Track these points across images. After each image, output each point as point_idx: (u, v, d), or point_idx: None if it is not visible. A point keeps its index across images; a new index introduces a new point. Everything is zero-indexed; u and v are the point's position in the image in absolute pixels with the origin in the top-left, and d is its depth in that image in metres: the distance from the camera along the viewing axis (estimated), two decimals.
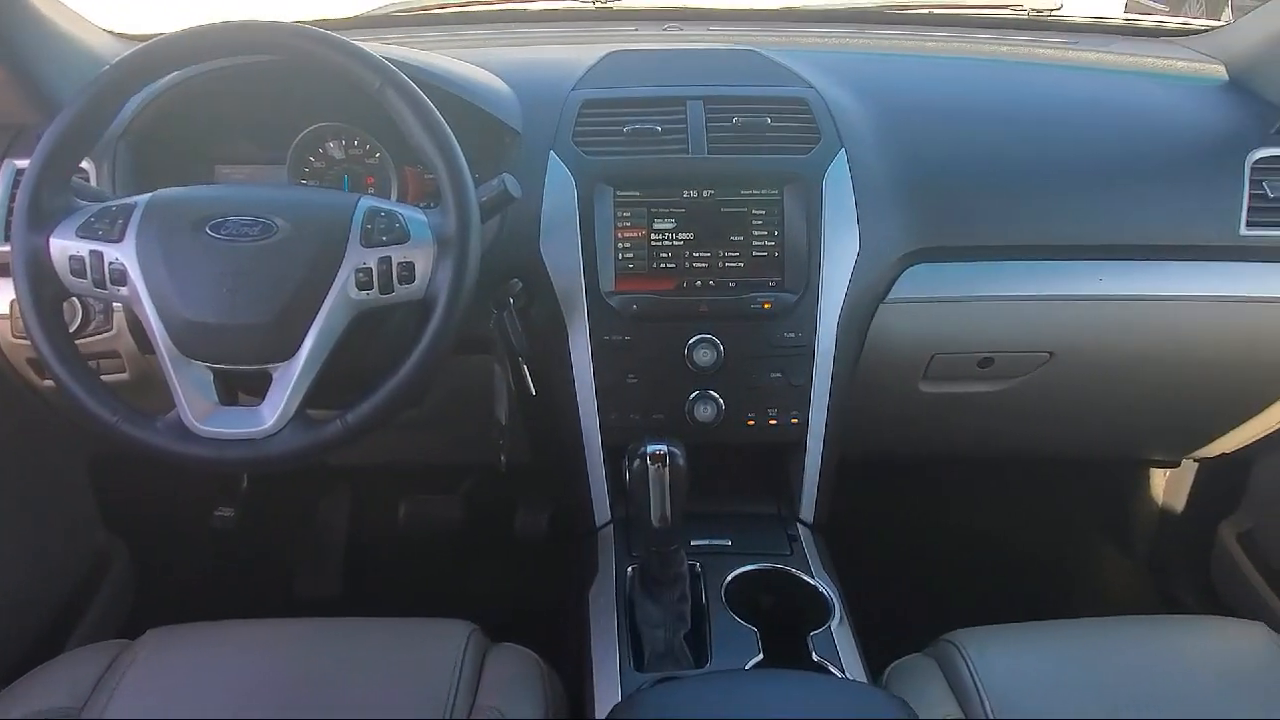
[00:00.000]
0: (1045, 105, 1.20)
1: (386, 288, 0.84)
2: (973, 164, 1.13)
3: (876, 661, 0.96)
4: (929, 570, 1.50)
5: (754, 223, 1.07)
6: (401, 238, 0.84)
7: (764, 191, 1.07)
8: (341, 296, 0.83)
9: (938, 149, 1.13)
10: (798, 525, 1.09)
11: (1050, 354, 1.15)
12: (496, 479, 1.24)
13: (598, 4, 1.51)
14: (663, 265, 1.07)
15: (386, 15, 1.52)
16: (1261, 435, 1.32)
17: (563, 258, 1.05)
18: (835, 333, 1.06)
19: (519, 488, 1.64)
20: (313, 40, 0.87)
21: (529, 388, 1.05)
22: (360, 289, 0.84)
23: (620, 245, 1.06)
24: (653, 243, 1.07)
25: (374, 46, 0.93)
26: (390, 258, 0.84)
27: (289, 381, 0.82)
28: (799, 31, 1.43)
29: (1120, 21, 1.50)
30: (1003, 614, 0.97)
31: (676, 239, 1.07)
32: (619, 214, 1.07)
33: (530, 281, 1.05)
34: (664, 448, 0.88)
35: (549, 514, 1.61)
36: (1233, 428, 1.31)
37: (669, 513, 0.88)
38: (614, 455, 1.06)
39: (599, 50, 1.23)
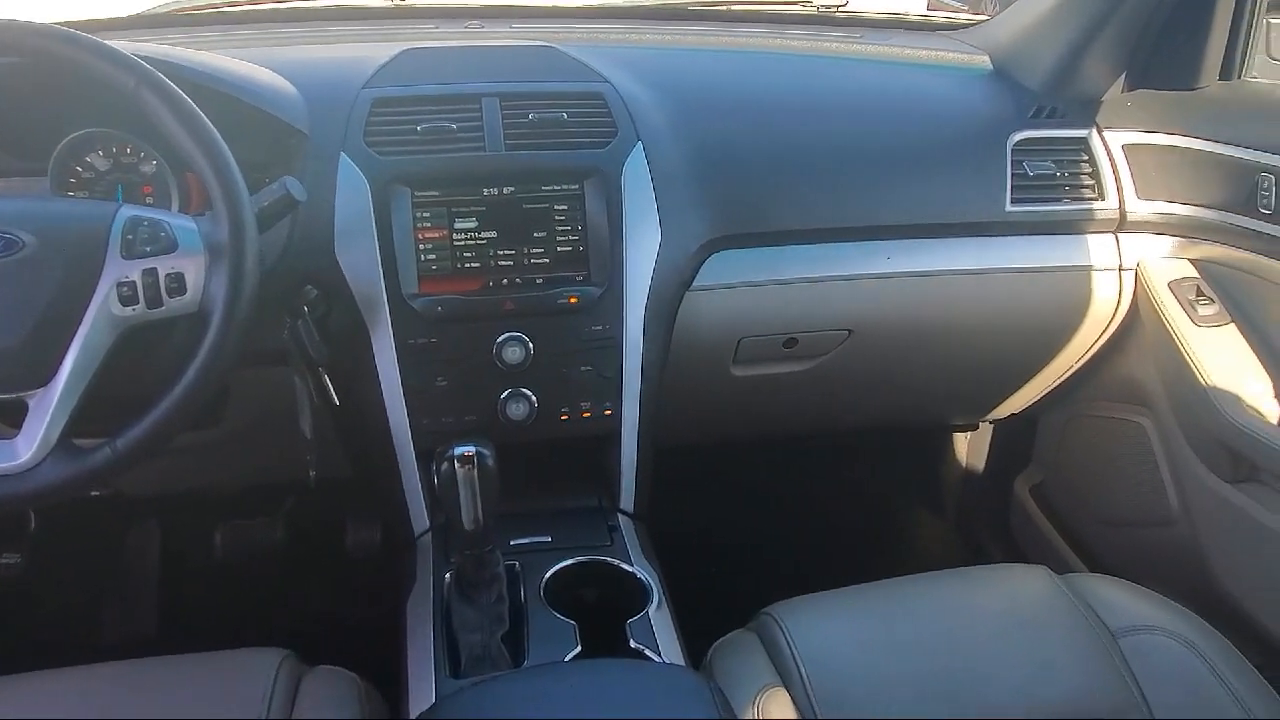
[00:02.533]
0: (831, 96, 1.27)
1: (154, 302, 0.79)
2: (765, 153, 1.17)
3: (704, 641, 0.98)
4: (753, 548, 1.55)
5: (557, 218, 1.07)
6: (168, 247, 0.79)
7: (564, 187, 1.07)
8: (103, 313, 0.77)
9: (732, 139, 1.17)
10: (618, 515, 1.10)
11: (849, 331, 1.22)
12: (324, 495, 1.19)
13: (395, 1, 1.47)
14: (467, 265, 1.05)
15: (167, 14, 1.43)
16: (1042, 395, 1.44)
17: (360, 262, 1.02)
18: (642, 323, 1.07)
19: (349, 502, 1.58)
20: (58, 40, 0.80)
21: (332, 398, 1.01)
22: (124, 304, 0.78)
23: (421, 247, 1.04)
24: (455, 243, 1.05)
25: (139, 46, 0.87)
26: (156, 269, 0.78)
27: (47, 409, 0.76)
28: (599, 28, 1.45)
29: (897, 17, 1.59)
30: (825, 583, 1.01)
31: (479, 238, 1.05)
32: (418, 215, 1.04)
33: (327, 288, 1.01)
34: (472, 449, 0.86)
35: (381, 526, 1.56)
36: (1017, 390, 1.42)
37: (480, 514, 0.87)
38: (427, 461, 1.04)
39: (393, 48, 1.19)
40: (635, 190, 1.08)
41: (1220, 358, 1.17)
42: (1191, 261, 1.24)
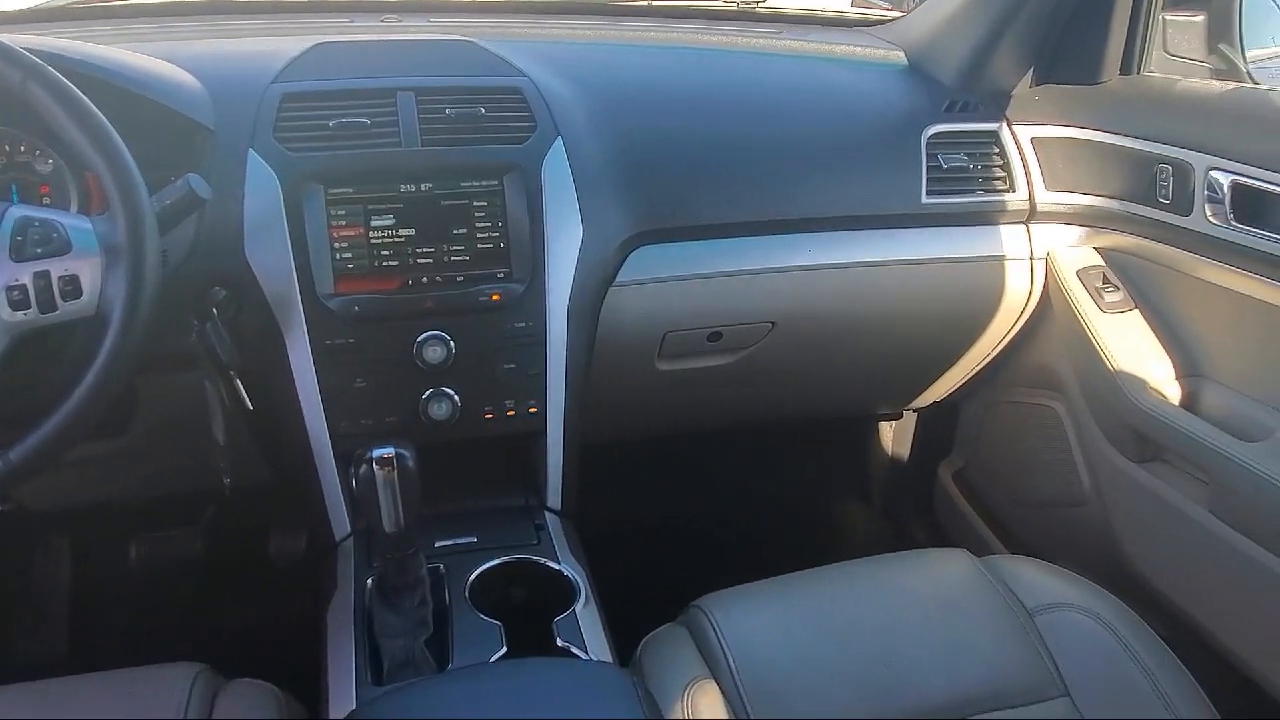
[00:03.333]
0: (752, 91, 1.28)
1: (48, 306, 0.75)
2: (687, 148, 1.18)
3: (636, 637, 0.98)
4: (684, 541, 1.56)
5: (477, 214, 1.05)
6: (61, 249, 0.76)
7: (484, 183, 1.06)
8: None
9: (653, 134, 1.17)
10: (545, 514, 1.09)
11: (772, 324, 1.23)
12: (246, 502, 1.16)
13: None
14: (384, 263, 1.03)
15: (59, 8, 1.36)
16: (962, 383, 1.47)
17: (272, 262, 0.99)
18: (566, 319, 1.07)
19: (272, 508, 1.54)
20: None
21: (245, 402, 0.98)
22: (15, 309, 0.74)
23: (337, 245, 1.02)
24: (372, 241, 1.03)
25: (27, 39, 0.82)
26: (49, 272, 0.75)
27: None
28: (518, 23, 1.43)
29: (815, 13, 1.61)
30: (756, 574, 1.02)
31: (397, 235, 1.03)
32: (332, 212, 1.02)
33: (237, 289, 0.98)
34: (391, 450, 0.85)
35: (306, 533, 1.52)
36: (938, 378, 1.45)
37: (402, 517, 0.85)
38: (347, 464, 1.02)
39: (304, 42, 1.16)
40: (556, 186, 1.07)
41: (1125, 343, 1.21)
42: (1098, 250, 1.29)
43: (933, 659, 0.90)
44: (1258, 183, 1.03)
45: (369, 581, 0.94)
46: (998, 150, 1.29)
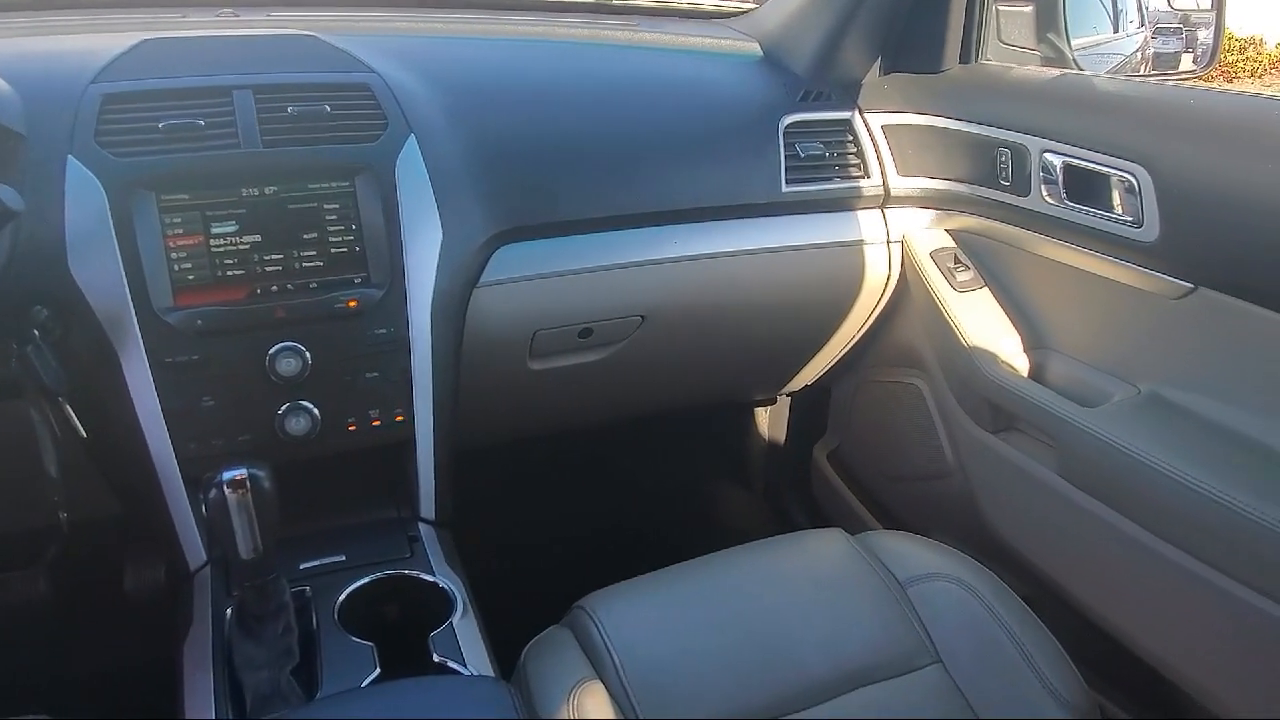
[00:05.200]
0: (610, 83, 1.27)
1: None
2: (546, 143, 1.16)
3: (523, 644, 0.96)
4: (568, 542, 1.55)
5: (328, 218, 1.01)
6: None
7: (334, 184, 1.01)
8: None
9: (511, 130, 1.15)
10: (418, 525, 1.06)
11: (642, 317, 1.22)
12: (97, 536, 1.07)
13: None
14: (229, 273, 0.97)
15: None
16: (831, 365, 1.51)
17: (100, 276, 0.91)
18: (429, 323, 1.03)
19: (127, 539, 1.43)
20: None
21: (78, 430, 0.90)
22: None
23: (174, 255, 0.95)
24: (213, 249, 0.96)
25: None
26: None
27: None
28: (366, 17, 1.38)
29: (669, 5, 1.62)
30: (643, 569, 1.01)
31: (241, 242, 0.97)
32: (167, 220, 0.95)
33: (61, 307, 0.90)
34: (243, 471, 0.80)
35: (165, 564, 1.42)
36: (808, 362, 1.48)
37: (259, 542, 0.80)
38: (198, 489, 0.95)
39: (129, 39, 1.08)
40: (411, 185, 1.04)
41: (977, 320, 1.27)
42: (949, 232, 1.34)
43: (813, 638, 0.92)
44: (1085, 163, 1.09)
45: (228, 612, 0.89)
46: (852, 138, 1.32)
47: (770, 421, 1.74)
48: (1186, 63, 1.44)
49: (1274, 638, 0.88)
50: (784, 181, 1.26)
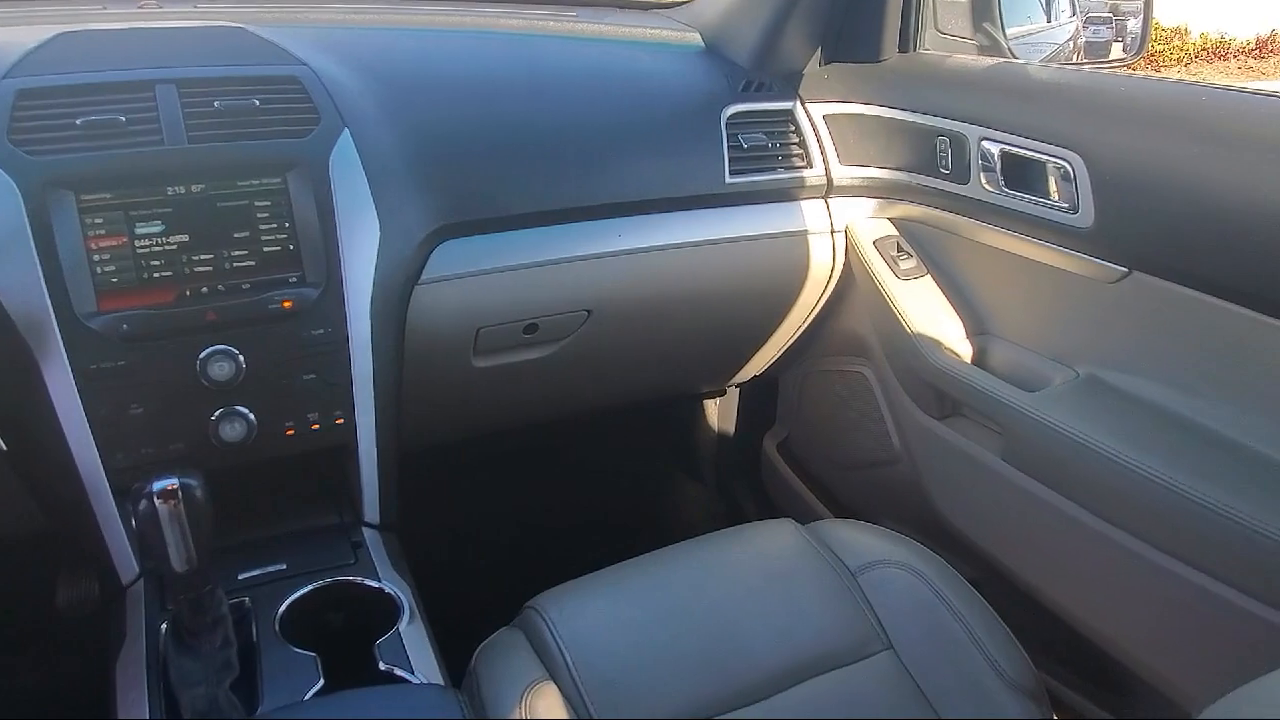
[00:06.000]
0: (550, 75, 1.25)
1: None
2: (485, 136, 1.13)
3: (471, 646, 0.94)
4: (519, 541, 1.53)
5: (259, 216, 0.97)
6: None
7: (265, 181, 0.98)
8: None
9: (449, 123, 1.12)
10: (363, 530, 1.03)
11: (588, 312, 1.21)
12: (26, 553, 1.02)
13: None
14: (156, 275, 0.93)
15: None
16: (778, 356, 1.52)
17: (17, 281, 0.87)
18: (369, 322, 1.01)
19: (59, 555, 1.37)
20: None
21: None
22: None
23: (96, 258, 0.91)
24: (138, 250, 0.92)
25: None
26: None
27: None
28: (295, 8, 1.33)
29: None
30: (595, 566, 1.00)
31: (168, 243, 0.94)
32: (88, 221, 0.91)
33: None
34: (175, 481, 0.76)
35: (98, 578, 1.37)
36: (755, 353, 1.49)
37: (193, 554, 0.77)
38: (128, 499, 0.92)
39: (44, 31, 1.03)
40: (346, 181, 1.01)
41: (921, 307, 1.28)
42: (891, 220, 1.35)
43: (766, 630, 0.92)
44: (1022, 151, 1.10)
45: (163, 627, 0.86)
46: (794, 128, 1.33)
47: (719, 413, 1.74)
48: (1117, 51, 1.47)
49: (1212, 611, 0.91)
50: (727, 172, 1.25)
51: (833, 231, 1.34)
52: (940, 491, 1.28)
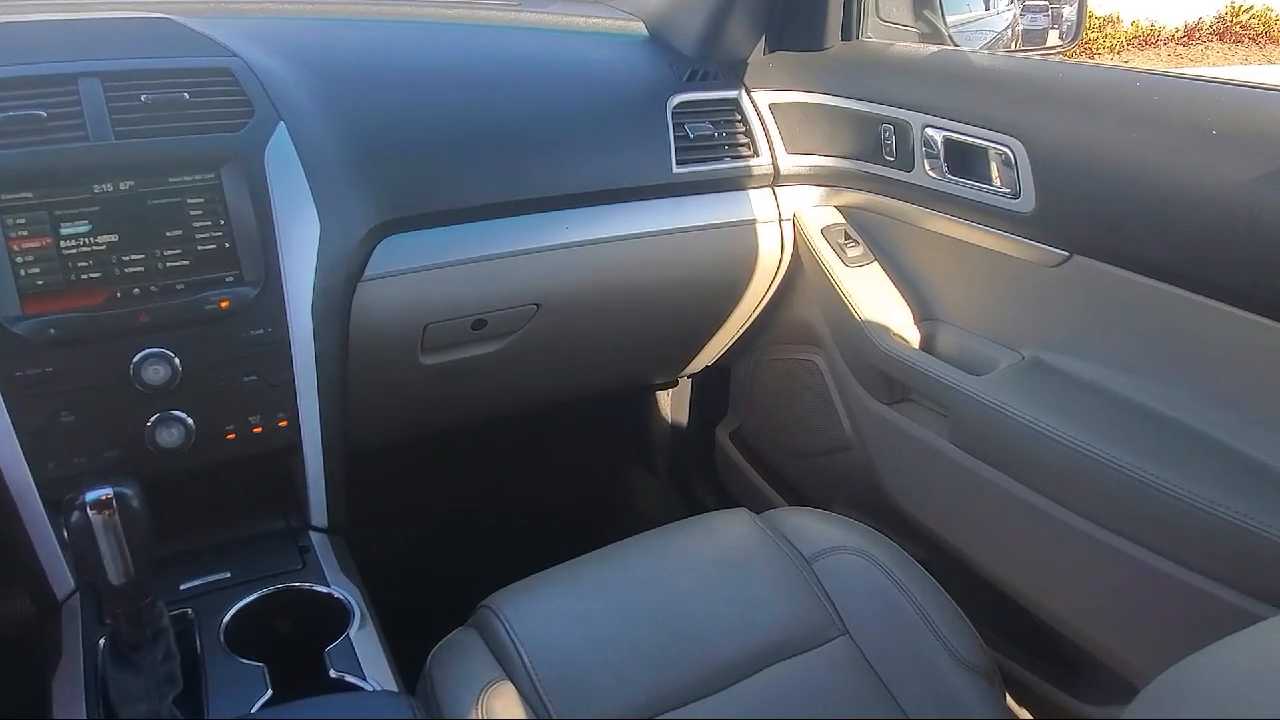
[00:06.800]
0: (492, 66, 1.23)
1: None
2: (426, 128, 1.11)
3: (427, 649, 0.93)
4: (474, 540, 1.51)
5: (193, 213, 0.94)
6: None
7: (197, 177, 0.94)
8: None
9: (389, 116, 1.10)
10: (310, 534, 1.01)
11: (537, 305, 1.20)
12: None
13: None
14: (84, 276, 0.89)
15: None
16: (730, 346, 1.52)
17: None
18: (311, 321, 0.98)
19: None
20: None
21: None
22: None
23: (20, 260, 0.87)
24: (64, 251, 0.89)
25: None
26: None
27: None
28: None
29: None
30: (552, 562, 0.99)
31: (96, 243, 0.90)
32: (8, 222, 0.87)
33: None
34: (109, 491, 0.73)
35: (29, 593, 1.32)
36: (707, 344, 1.48)
37: (130, 565, 0.74)
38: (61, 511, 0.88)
39: None
40: (283, 176, 0.98)
41: (869, 294, 1.29)
42: (838, 208, 1.36)
43: (723, 620, 0.92)
44: (964, 137, 1.12)
45: (100, 642, 0.82)
46: (740, 117, 1.32)
47: (672, 404, 1.74)
48: (1053, 38, 1.49)
49: (1154, 586, 0.93)
50: (674, 162, 1.24)
51: (780, 220, 1.34)
52: (891, 476, 1.30)
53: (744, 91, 1.34)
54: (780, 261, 1.37)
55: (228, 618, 0.86)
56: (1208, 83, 0.95)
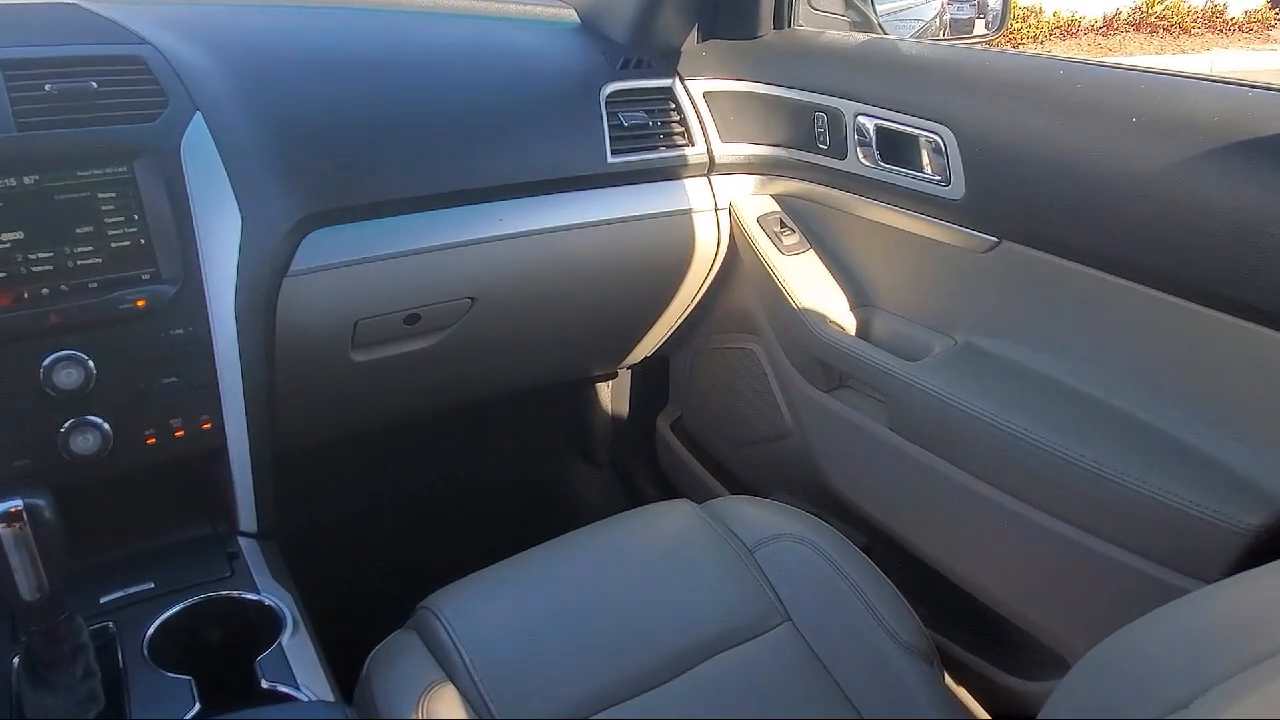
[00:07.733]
0: (418, 53, 1.20)
1: None
2: (351, 118, 1.08)
3: (364, 655, 0.90)
4: (414, 540, 1.48)
5: (104, 209, 0.90)
6: None
7: (109, 170, 0.90)
8: None
9: (311, 104, 1.06)
10: (238, 539, 0.97)
11: (472, 299, 1.17)
12: None
13: None
14: None
15: None
16: (668, 336, 1.51)
17: None
18: (234, 319, 0.94)
19: None
20: None
21: None
22: None
23: None
24: None
25: None
26: None
27: None
28: None
29: None
30: (492, 559, 0.98)
31: (1, 241, 0.85)
32: None
33: None
34: (18, 503, 0.70)
35: None
36: (645, 334, 1.48)
37: (44, 579, 0.71)
38: None
39: None
40: (201, 168, 0.94)
41: (805, 282, 1.29)
42: (774, 197, 1.36)
43: (667, 613, 0.92)
44: (895, 125, 1.13)
45: (14, 661, 0.78)
46: (674, 106, 1.31)
47: (612, 396, 1.73)
48: (979, 28, 1.52)
49: (1086, 564, 0.95)
50: (609, 152, 1.23)
51: (716, 209, 1.34)
52: (830, 463, 1.31)
53: (678, 80, 1.33)
54: (717, 250, 1.37)
55: (151, 630, 0.82)
56: (1128, 71, 0.97)
